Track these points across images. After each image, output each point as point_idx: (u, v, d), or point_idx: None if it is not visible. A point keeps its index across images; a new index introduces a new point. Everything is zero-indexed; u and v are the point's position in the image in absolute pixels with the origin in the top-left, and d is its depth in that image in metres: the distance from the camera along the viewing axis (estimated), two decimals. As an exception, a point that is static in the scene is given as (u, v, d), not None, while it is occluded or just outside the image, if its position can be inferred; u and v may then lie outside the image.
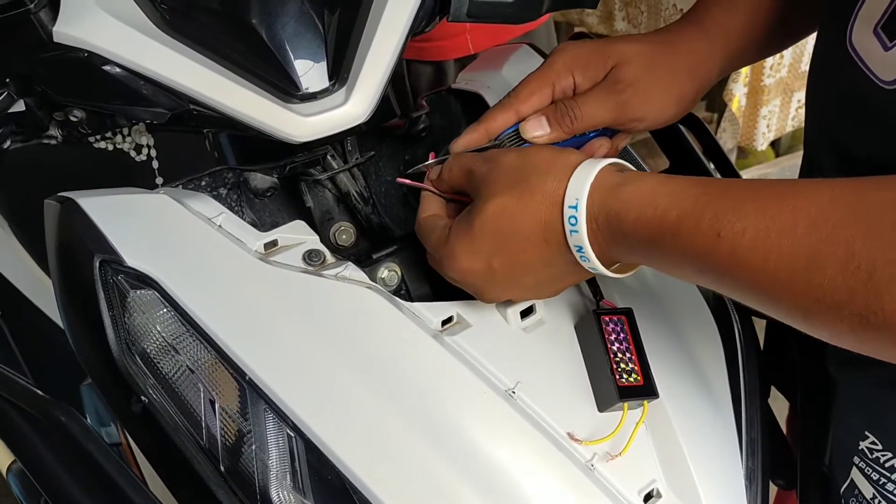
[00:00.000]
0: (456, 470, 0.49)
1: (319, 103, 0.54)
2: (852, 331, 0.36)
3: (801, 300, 0.37)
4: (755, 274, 0.38)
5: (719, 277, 0.41)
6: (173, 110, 0.55)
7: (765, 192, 0.39)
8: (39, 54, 0.52)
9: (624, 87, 0.56)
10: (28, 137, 0.60)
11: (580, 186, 0.46)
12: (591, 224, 0.46)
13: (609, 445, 0.53)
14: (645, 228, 0.43)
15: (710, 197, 0.41)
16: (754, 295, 0.40)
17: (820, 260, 0.35)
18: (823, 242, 0.36)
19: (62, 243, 0.53)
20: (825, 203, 0.37)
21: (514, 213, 0.48)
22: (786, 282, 0.37)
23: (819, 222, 0.36)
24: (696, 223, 0.41)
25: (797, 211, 0.37)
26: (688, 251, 0.41)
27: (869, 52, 0.47)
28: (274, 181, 0.63)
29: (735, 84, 1.86)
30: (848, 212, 0.36)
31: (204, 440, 0.48)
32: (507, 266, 0.50)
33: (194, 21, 0.55)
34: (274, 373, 0.49)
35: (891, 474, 0.54)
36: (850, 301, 0.35)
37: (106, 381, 0.51)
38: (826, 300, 0.36)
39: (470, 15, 0.61)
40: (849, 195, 0.37)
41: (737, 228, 0.39)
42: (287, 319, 0.51)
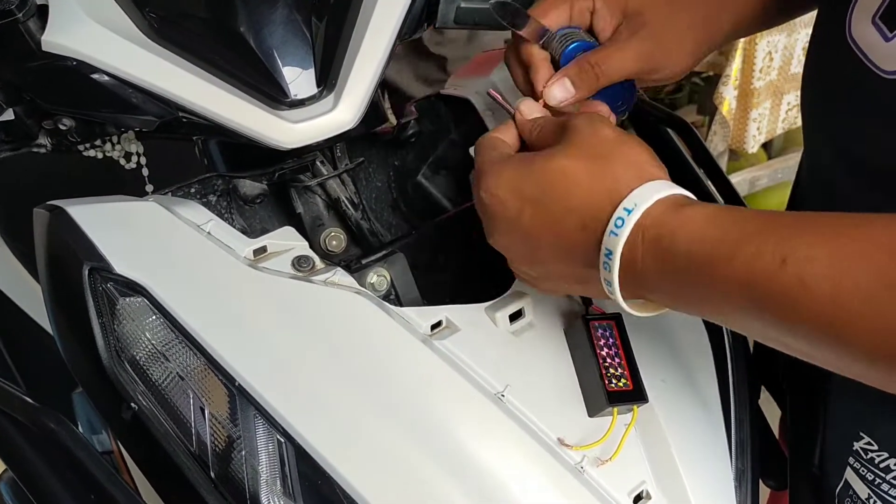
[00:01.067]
0: (446, 473, 0.49)
1: (308, 110, 0.54)
2: None
3: (876, 333, 0.34)
4: (823, 305, 0.35)
5: (777, 311, 0.38)
6: (162, 118, 0.55)
7: (834, 220, 0.38)
8: (28, 63, 0.52)
9: (647, 35, 0.54)
10: (17, 146, 0.60)
11: (648, 195, 0.43)
12: (635, 235, 0.43)
13: (599, 450, 0.53)
14: (700, 249, 0.40)
15: (775, 223, 0.39)
16: (817, 330, 0.37)
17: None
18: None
19: (51, 251, 0.53)
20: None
21: (574, 181, 0.46)
22: (858, 312, 0.34)
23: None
24: (759, 246, 0.38)
25: (873, 238, 0.35)
26: (744, 278, 0.38)
27: (869, 43, 0.47)
28: (263, 188, 0.63)
29: (725, 87, 1.87)
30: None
31: (194, 446, 0.48)
32: (536, 224, 0.47)
33: (182, 29, 0.55)
34: (263, 379, 0.49)
35: (886, 475, 0.54)
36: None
37: (96, 388, 0.51)
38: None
39: (457, 21, 0.62)
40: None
41: (805, 255, 0.36)
42: (276, 325, 0.51)
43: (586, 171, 0.46)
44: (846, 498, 0.58)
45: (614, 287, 0.44)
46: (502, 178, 0.48)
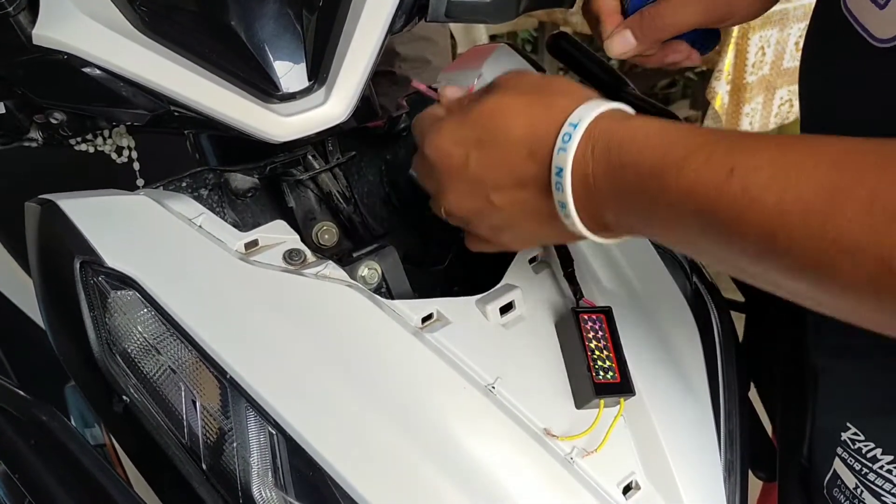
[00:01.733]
0: (436, 463, 0.49)
1: (299, 103, 0.55)
2: (871, 279, 0.33)
3: (816, 243, 0.34)
4: (767, 214, 0.36)
5: (723, 221, 0.38)
6: (153, 111, 0.55)
7: (783, 137, 0.38)
8: (19, 57, 0.52)
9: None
10: (8, 140, 0.60)
11: (589, 109, 0.43)
12: (584, 147, 0.43)
13: (585, 441, 0.53)
14: (648, 159, 0.40)
15: (724, 136, 0.39)
16: (761, 241, 0.37)
17: (841, 200, 0.33)
18: (846, 183, 0.34)
19: (42, 245, 0.53)
20: (849, 148, 0.35)
21: (513, 114, 0.46)
22: (800, 223, 0.35)
23: (842, 164, 0.34)
24: (708, 157, 0.38)
25: (818, 154, 0.35)
26: (693, 188, 0.38)
27: (864, 12, 0.47)
28: (255, 181, 0.63)
29: (717, 82, 1.87)
30: (873, 158, 0.34)
31: (186, 439, 0.48)
32: (483, 165, 0.47)
33: (173, 22, 0.55)
34: (255, 371, 0.49)
35: (873, 464, 0.55)
36: (871, 242, 0.33)
37: (88, 381, 0.51)
38: (844, 241, 0.33)
39: (448, 15, 0.62)
40: (873, 144, 0.35)
41: (751, 164, 0.36)
42: (267, 318, 0.51)
43: (523, 102, 0.46)
44: (834, 488, 0.59)
45: (569, 208, 0.44)
46: (442, 130, 0.49)
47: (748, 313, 0.75)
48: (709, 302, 0.67)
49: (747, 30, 1.83)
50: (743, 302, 0.73)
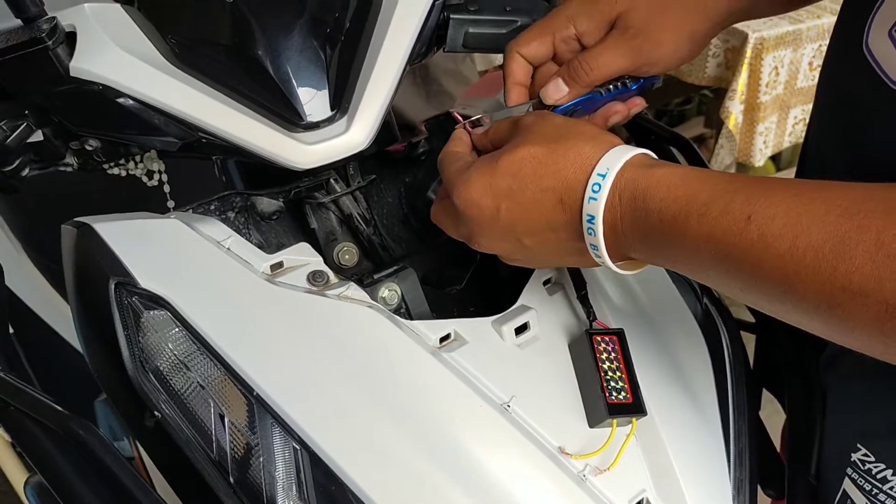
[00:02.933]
0: (454, 480, 0.51)
1: (322, 132, 0.57)
2: (877, 321, 0.35)
3: (827, 288, 0.37)
4: (781, 259, 0.38)
5: (741, 265, 0.40)
6: (183, 139, 0.57)
7: (797, 184, 0.40)
8: (57, 88, 0.55)
9: (635, 33, 0.56)
10: (46, 165, 0.63)
11: (616, 159, 0.46)
12: (613, 197, 0.45)
13: (598, 460, 0.55)
14: (672, 207, 0.43)
15: (742, 184, 0.41)
16: (776, 284, 0.39)
17: (849, 247, 0.36)
18: (854, 230, 0.36)
19: (79, 266, 0.56)
20: (858, 196, 0.37)
21: (541, 163, 0.48)
22: (812, 268, 0.37)
23: (851, 212, 0.36)
24: (727, 205, 0.41)
25: (829, 201, 0.37)
26: (713, 234, 0.41)
27: (885, 54, 0.49)
28: (280, 205, 0.66)
29: (731, 102, 1.89)
30: (880, 205, 0.36)
31: (214, 453, 0.50)
32: (514, 214, 0.49)
33: (203, 55, 0.58)
34: (280, 389, 0.51)
35: (883, 485, 0.56)
36: (877, 289, 0.35)
37: (121, 396, 0.53)
38: (852, 287, 0.36)
39: (465, 45, 0.64)
40: (882, 192, 0.37)
41: (768, 213, 0.39)
42: (292, 337, 0.53)
43: (549, 151, 0.48)
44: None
45: (601, 251, 0.47)
46: (471, 182, 0.50)
47: (758, 334, 0.77)
48: (719, 323, 0.69)
49: (761, 50, 1.84)
50: (753, 322, 0.75)
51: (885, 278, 0.35)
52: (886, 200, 0.36)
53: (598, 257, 0.48)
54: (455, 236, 0.56)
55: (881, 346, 0.37)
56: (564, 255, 0.52)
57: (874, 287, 0.35)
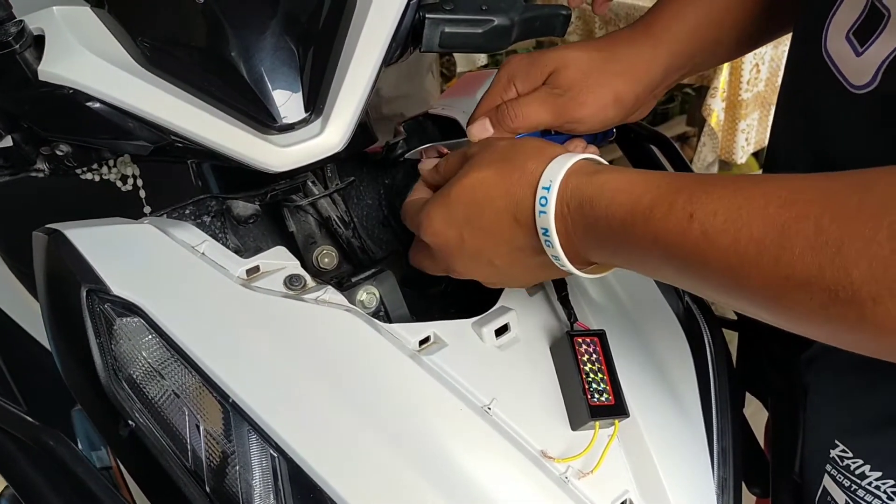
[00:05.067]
0: (435, 485, 0.50)
1: (296, 134, 0.56)
2: (822, 308, 0.36)
3: (771, 279, 0.37)
4: (725, 254, 0.39)
5: (689, 263, 0.41)
6: (156, 143, 0.57)
7: (738, 180, 0.41)
8: (25, 92, 0.54)
9: (561, 92, 0.59)
10: (16, 171, 0.62)
11: (557, 170, 0.47)
12: (561, 207, 0.46)
13: (581, 463, 0.54)
14: (618, 213, 0.44)
15: (684, 183, 0.42)
16: (725, 280, 0.40)
17: (790, 237, 0.36)
18: (793, 220, 0.36)
19: (50, 273, 0.55)
20: (796, 186, 0.38)
21: (490, 186, 0.50)
22: (755, 261, 0.38)
23: (789, 203, 0.37)
24: (670, 206, 0.41)
25: (768, 193, 0.38)
26: (659, 235, 0.42)
27: (842, 57, 0.49)
28: (256, 208, 0.65)
29: (713, 99, 1.89)
30: (817, 193, 0.37)
31: (189, 462, 0.49)
32: (477, 239, 0.51)
33: (174, 57, 0.57)
34: (257, 395, 0.50)
35: (861, 481, 0.56)
36: (819, 276, 0.35)
37: (94, 406, 0.52)
38: (795, 277, 0.36)
39: (442, 45, 0.63)
40: (819, 181, 0.38)
41: (709, 209, 0.40)
42: (269, 343, 0.53)
43: (496, 173, 0.50)
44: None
45: (563, 260, 0.48)
46: (432, 218, 0.53)
47: (740, 331, 0.77)
48: (701, 321, 0.68)
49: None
50: (735, 320, 0.75)
51: (825, 265, 0.35)
52: (824, 189, 0.37)
53: (563, 267, 0.49)
54: (435, 273, 0.58)
55: (828, 332, 0.38)
56: (536, 270, 0.53)
57: (816, 274, 0.35)
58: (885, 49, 0.45)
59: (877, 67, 0.46)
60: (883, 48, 0.45)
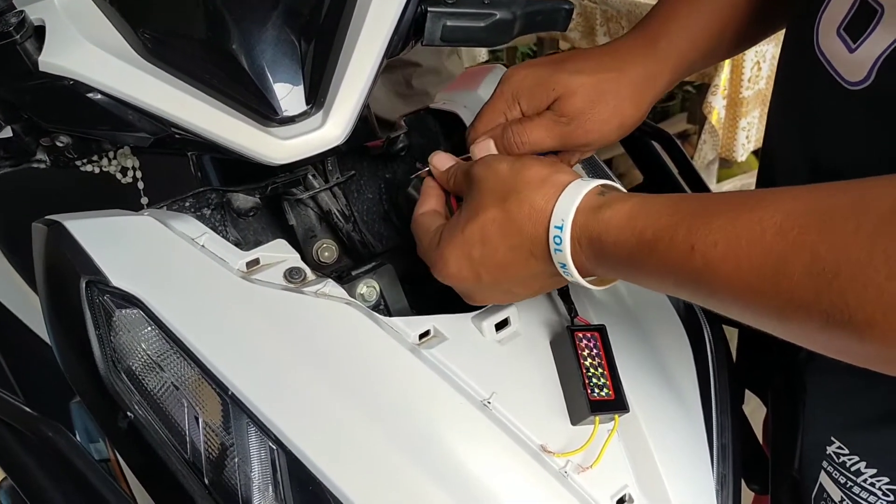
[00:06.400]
0: (434, 478, 0.50)
1: (297, 126, 0.56)
2: (821, 329, 0.37)
3: (773, 303, 0.39)
4: (728, 282, 0.40)
5: (696, 288, 0.43)
6: (156, 135, 0.56)
7: (734, 205, 0.41)
8: (25, 83, 0.54)
9: (568, 121, 0.59)
10: (16, 162, 0.62)
11: (567, 209, 0.48)
12: (574, 244, 0.48)
13: (581, 458, 0.55)
14: (624, 248, 0.46)
15: (683, 214, 0.43)
16: (730, 303, 0.42)
17: (787, 265, 0.37)
18: (789, 248, 0.37)
19: (49, 265, 0.55)
20: (790, 209, 0.39)
21: (502, 226, 0.51)
22: (757, 287, 0.39)
23: (784, 230, 0.38)
24: (671, 239, 0.43)
25: (764, 221, 0.39)
26: (665, 266, 0.44)
27: (835, 54, 0.49)
28: (256, 201, 0.65)
29: (714, 97, 1.89)
30: (810, 219, 0.37)
31: (188, 454, 0.49)
32: (494, 275, 0.53)
33: (175, 48, 0.57)
34: (256, 388, 0.50)
35: (857, 477, 0.56)
36: (816, 301, 0.36)
37: (93, 398, 0.52)
38: (795, 302, 0.37)
39: (443, 39, 0.63)
40: (811, 204, 0.38)
41: (709, 241, 0.41)
42: (268, 336, 0.53)
43: (505, 213, 0.51)
44: (821, 501, 0.60)
45: (582, 283, 0.50)
46: (446, 259, 0.54)
47: (741, 329, 0.77)
48: (701, 317, 0.68)
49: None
50: (736, 317, 0.74)
51: (822, 291, 0.36)
52: (820, 213, 0.38)
53: (583, 288, 0.51)
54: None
55: (831, 349, 0.40)
56: (552, 286, 0.56)
57: (813, 300, 0.37)
58: (880, 45, 0.45)
59: (872, 64, 0.46)
60: (877, 44, 0.45)
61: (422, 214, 0.59)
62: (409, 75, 1.66)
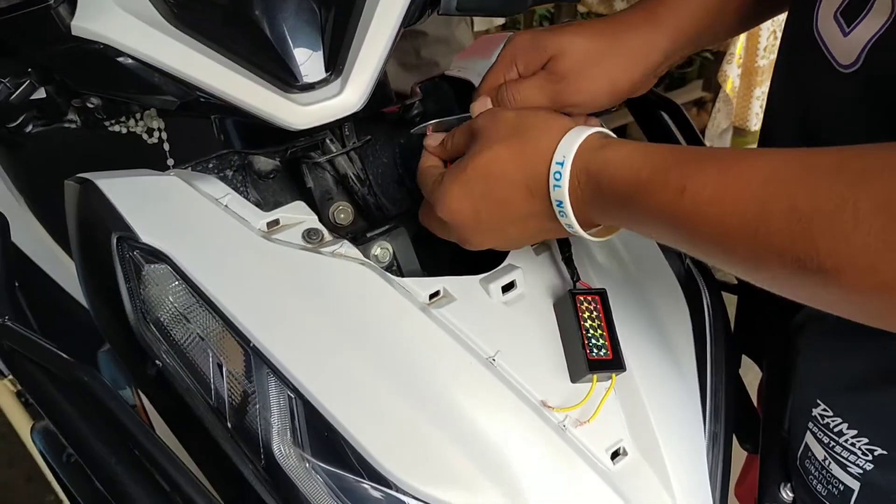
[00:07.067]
0: (439, 427, 0.54)
1: (317, 93, 0.58)
2: (794, 275, 0.40)
3: (751, 248, 0.41)
4: (713, 225, 0.43)
5: (682, 231, 0.45)
6: (182, 98, 0.59)
7: (727, 156, 0.44)
8: (58, 46, 0.56)
9: (557, 79, 0.62)
10: (49, 122, 0.64)
11: (569, 146, 0.50)
12: (573, 181, 0.50)
13: (579, 413, 0.58)
14: (620, 186, 0.48)
15: (678, 158, 0.46)
16: (712, 247, 0.44)
17: (768, 211, 0.40)
18: (772, 196, 0.40)
19: (82, 221, 0.58)
20: (777, 164, 0.41)
21: (505, 162, 0.53)
22: (739, 231, 0.41)
23: (769, 179, 0.40)
24: (665, 180, 0.45)
25: (753, 170, 0.42)
26: (656, 206, 0.46)
27: (831, 37, 0.51)
28: (276, 164, 0.67)
29: (729, 66, 1.88)
30: (794, 171, 0.40)
31: (213, 400, 0.53)
32: (493, 212, 0.55)
33: (201, 15, 0.59)
34: (275, 340, 0.53)
35: (839, 438, 0.58)
36: (791, 247, 0.39)
37: (124, 347, 0.56)
38: (772, 247, 0.40)
39: (459, 8, 0.65)
40: (797, 159, 0.41)
41: (699, 183, 0.43)
42: (287, 292, 0.56)
43: (509, 148, 0.53)
44: (806, 459, 0.63)
45: (575, 227, 0.52)
46: (448, 193, 0.56)
47: (740, 295, 0.79)
48: (701, 283, 0.71)
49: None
50: (735, 284, 0.77)
51: (797, 238, 0.39)
52: (801, 168, 0.40)
53: (574, 232, 0.53)
54: (446, 238, 0.61)
55: (803, 295, 0.42)
56: (546, 234, 0.58)
57: (788, 245, 0.39)
58: (870, 30, 0.47)
59: (861, 48, 0.48)
60: (867, 29, 0.47)
61: (427, 167, 0.62)
62: (417, 45, 1.67)
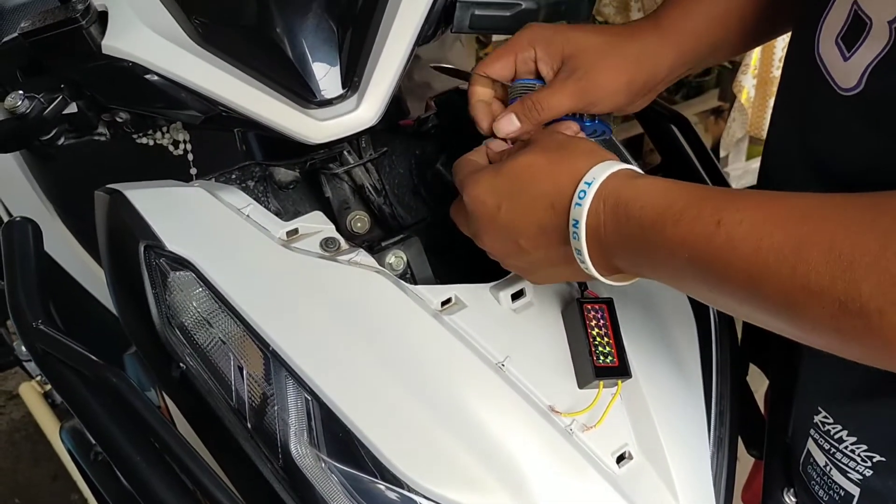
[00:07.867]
0: (449, 430, 0.56)
1: (334, 108, 0.61)
2: (832, 318, 0.39)
3: (787, 287, 0.40)
4: (747, 261, 0.42)
5: (711, 266, 0.44)
6: (206, 113, 0.61)
7: (762, 194, 0.44)
8: (90, 64, 0.59)
9: (580, 76, 0.62)
10: (80, 135, 0.67)
11: (602, 171, 0.50)
12: (597, 204, 0.50)
13: (585, 417, 0.59)
14: (650, 214, 0.47)
15: (714, 193, 0.46)
16: (744, 286, 0.43)
17: (806, 249, 0.39)
18: (810, 234, 0.39)
19: (111, 230, 0.61)
20: (815, 202, 0.41)
21: (538, 170, 0.54)
22: (774, 269, 0.40)
23: (808, 217, 0.40)
24: (699, 211, 0.45)
25: (790, 207, 0.42)
26: (687, 238, 0.45)
27: (832, 61, 0.52)
28: (296, 175, 0.70)
29: (744, 76, 1.89)
30: (833, 210, 0.40)
31: (233, 402, 0.55)
32: (512, 214, 0.55)
33: (225, 35, 0.62)
34: (293, 345, 0.56)
35: (839, 445, 0.60)
36: (831, 287, 0.38)
37: (150, 350, 0.58)
38: (809, 287, 0.39)
39: (472, 26, 0.68)
40: (836, 198, 0.41)
41: (735, 218, 0.43)
42: (305, 299, 0.58)
43: (547, 160, 0.54)
44: (808, 465, 0.64)
45: (584, 255, 0.51)
46: (479, 183, 0.57)
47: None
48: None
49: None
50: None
51: (837, 277, 0.38)
52: (839, 208, 0.40)
53: (582, 263, 0.52)
54: (466, 232, 0.62)
55: (837, 342, 0.41)
56: (556, 264, 0.56)
57: (828, 285, 0.38)
58: (869, 55, 0.48)
59: (862, 71, 0.49)
60: (867, 54, 0.48)
61: (470, 158, 0.62)
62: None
